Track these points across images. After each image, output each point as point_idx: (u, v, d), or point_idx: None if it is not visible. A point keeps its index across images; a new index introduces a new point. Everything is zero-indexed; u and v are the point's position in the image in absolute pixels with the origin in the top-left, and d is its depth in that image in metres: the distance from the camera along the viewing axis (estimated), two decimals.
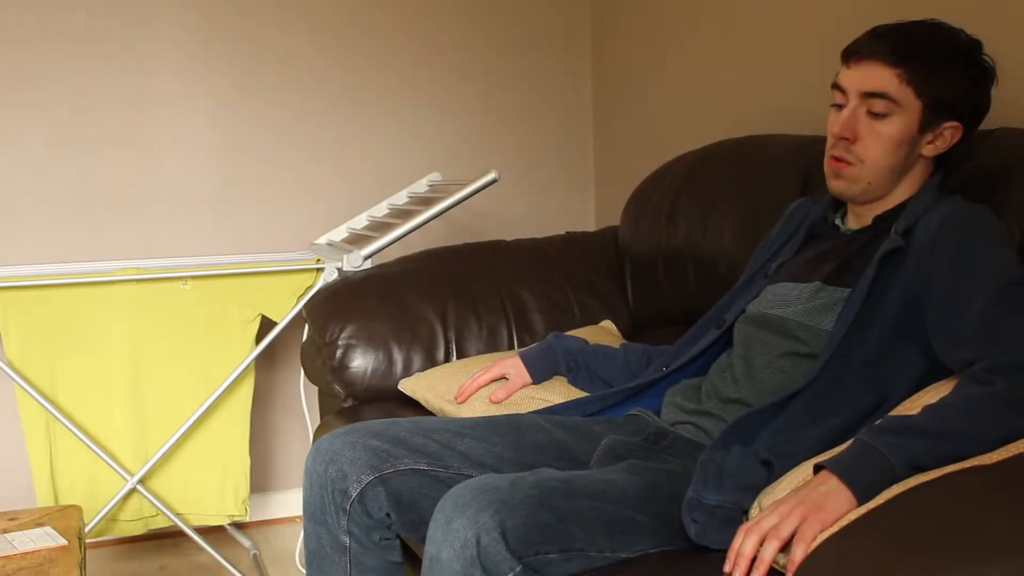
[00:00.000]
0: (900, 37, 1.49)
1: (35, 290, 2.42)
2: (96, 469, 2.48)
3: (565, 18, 3.13)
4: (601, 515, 1.32)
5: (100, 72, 2.71)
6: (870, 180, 1.52)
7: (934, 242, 1.41)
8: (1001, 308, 1.32)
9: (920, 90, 1.47)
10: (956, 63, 1.49)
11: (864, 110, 1.50)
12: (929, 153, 1.52)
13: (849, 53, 1.53)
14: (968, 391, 1.26)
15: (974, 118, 1.53)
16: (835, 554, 0.90)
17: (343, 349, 2.17)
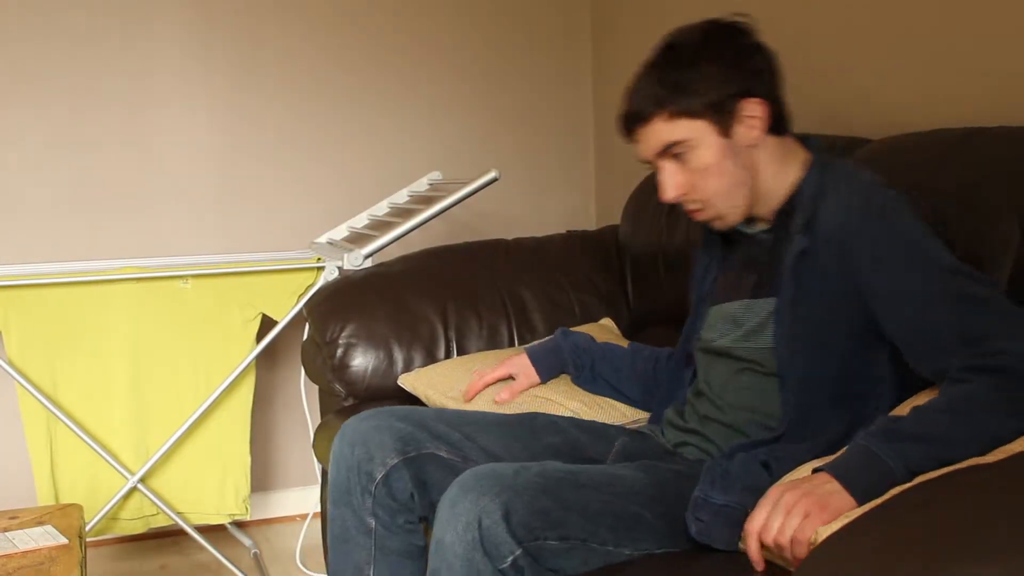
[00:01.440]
0: (641, 92, 1.47)
1: (35, 289, 2.42)
2: (97, 468, 2.48)
3: (566, 18, 3.13)
4: (606, 508, 1.33)
5: (100, 72, 2.71)
6: (732, 204, 1.49)
7: (848, 239, 1.38)
8: (952, 306, 1.31)
9: (691, 112, 1.44)
10: (698, 64, 1.45)
11: (670, 165, 1.48)
12: (754, 140, 1.46)
13: (625, 132, 1.51)
14: (953, 394, 1.26)
15: (760, 81, 1.47)
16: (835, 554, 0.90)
17: (343, 348, 2.17)
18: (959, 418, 1.22)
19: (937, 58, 1.92)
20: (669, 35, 1.51)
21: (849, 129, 2.03)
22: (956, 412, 1.23)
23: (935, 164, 1.61)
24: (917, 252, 1.35)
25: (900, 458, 1.19)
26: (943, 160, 1.60)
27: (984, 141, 1.58)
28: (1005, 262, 1.44)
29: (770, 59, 1.49)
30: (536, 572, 1.28)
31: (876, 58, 2.07)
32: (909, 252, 1.36)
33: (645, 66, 1.49)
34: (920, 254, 1.35)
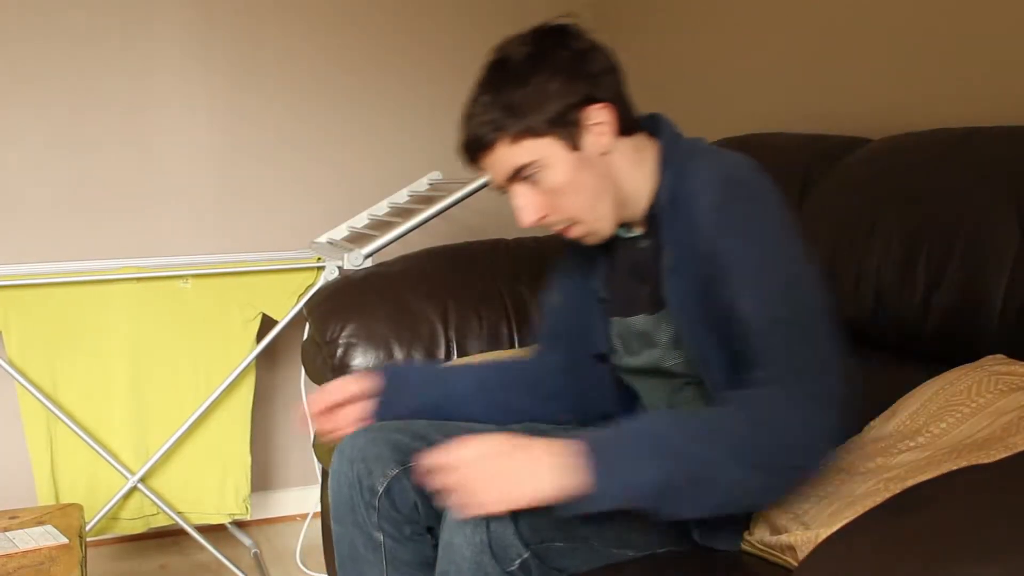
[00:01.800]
0: (478, 118, 1.38)
1: (36, 289, 2.42)
2: (97, 468, 2.48)
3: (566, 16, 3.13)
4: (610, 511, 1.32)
5: (100, 72, 2.71)
6: (597, 217, 1.41)
7: (707, 248, 1.32)
8: (774, 324, 1.26)
9: (534, 131, 1.35)
10: (533, 79, 1.36)
11: (523, 188, 1.40)
12: (606, 147, 1.38)
13: (469, 161, 1.45)
14: (726, 413, 1.22)
15: (601, 85, 1.38)
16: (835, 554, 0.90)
17: (344, 348, 2.17)
18: (723, 442, 1.19)
19: (937, 58, 1.92)
20: (497, 50, 1.42)
21: (849, 129, 2.03)
22: (724, 436, 1.20)
23: (935, 164, 1.61)
24: (768, 264, 1.29)
25: (655, 471, 1.17)
26: (943, 160, 1.60)
27: (984, 141, 1.58)
28: (1005, 262, 1.44)
29: (607, 58, 1.41)
30: (542, 572, 1.27)
31: (876, 58, 2.07)
32: (757, 264, 1.29)
33: (477, 87, 1.40)
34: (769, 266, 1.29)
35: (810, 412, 1.20)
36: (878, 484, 1.21)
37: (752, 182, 1.35)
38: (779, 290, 1.28)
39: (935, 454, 1.24)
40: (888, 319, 1.62)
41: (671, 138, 1.44)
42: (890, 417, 1.39)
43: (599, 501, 1.17)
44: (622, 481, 1.17)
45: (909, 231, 1.59)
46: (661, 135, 1.44)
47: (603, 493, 1.16)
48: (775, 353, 1.24)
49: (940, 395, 1.36)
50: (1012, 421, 1.25)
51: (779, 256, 1.31)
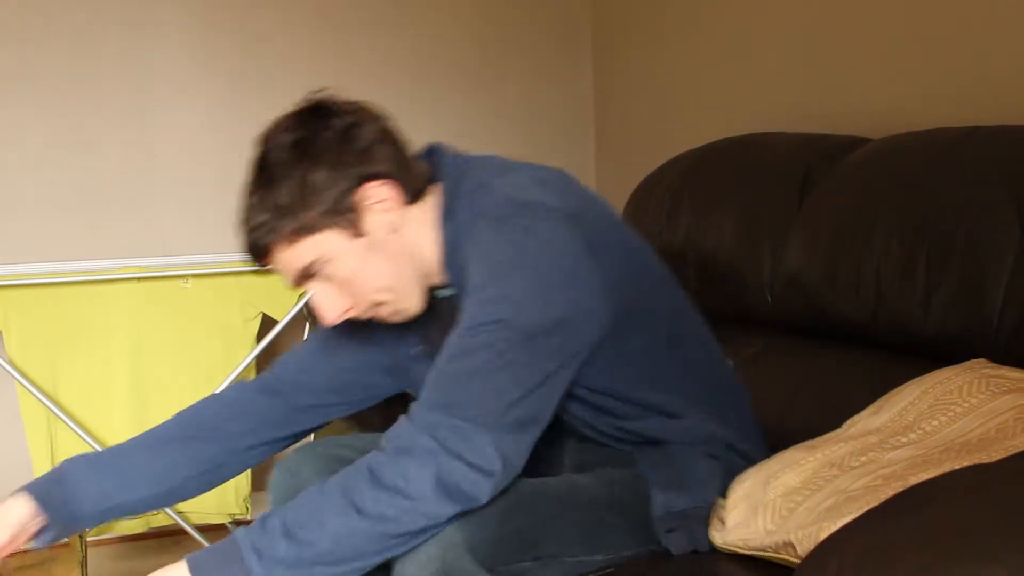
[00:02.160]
0: (251, 223, 1.28)
1: (36, 288, 2.42)
2: None
3: (566, 17, 3.13)
4: (572, 520, 1.30)
5: (101, 71, 2.71)
6: (403, 296, 1.33)
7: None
8: (451, 364, 1.20)
9: (309, 228, 1.26)
10: (298, 174, 1.27)
11: (317, 285, 1.31)
12: (392, 224, 1.30)
13: (256, 265, 1.34)
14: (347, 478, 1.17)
15: (372, 161, 1.29)
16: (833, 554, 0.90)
17: None
18: (329, 514, 1.14)
19: (937, 58, 1.92)
20: (260, 142, 1.33)
21: (849, 129, 2.03)
22: (332, 503, 1.15)
23: (935, 164, 1.61)
24: (487, 308, 1.21)
25: (265, 556, 1.13)
26: (943, 160, 1.60)
27: (984, 141, 1.58)
28: (1005, 262, 1.44)
29: (376, 127, 1.31)
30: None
31: (876, 58, 2.07)
32: (475, 307, 1.22)
33: (246, 190, 1.30)
34: (487, 310, 1.21)
35: (426, 467, 1.14)
36: (875, 480, 1.21)
37: (520, 217, 1.25)
38: (476, 336, 1.20)
39: (930, 452, 1.24)
40: (888, 319, 1.62)
41: (451, 181, 1.35)
42: (875, 412, 1.39)
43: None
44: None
45: (909, 231, 1.59)
46: (442, 179, 1.35)
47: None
48: (440, 393, 1.19)
49: (930, 393, 1.35)
50: (1007, 422, 1.25)
51: (519, 301, 1.20)
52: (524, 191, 1.30)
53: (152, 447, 1.49)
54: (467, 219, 1.29)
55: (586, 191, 1.43)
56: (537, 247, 1.23)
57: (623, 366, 1.34)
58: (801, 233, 1.80)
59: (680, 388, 1.41)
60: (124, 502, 1.45)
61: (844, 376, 1.67)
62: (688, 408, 1.40)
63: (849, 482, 1.22)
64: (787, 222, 1.86)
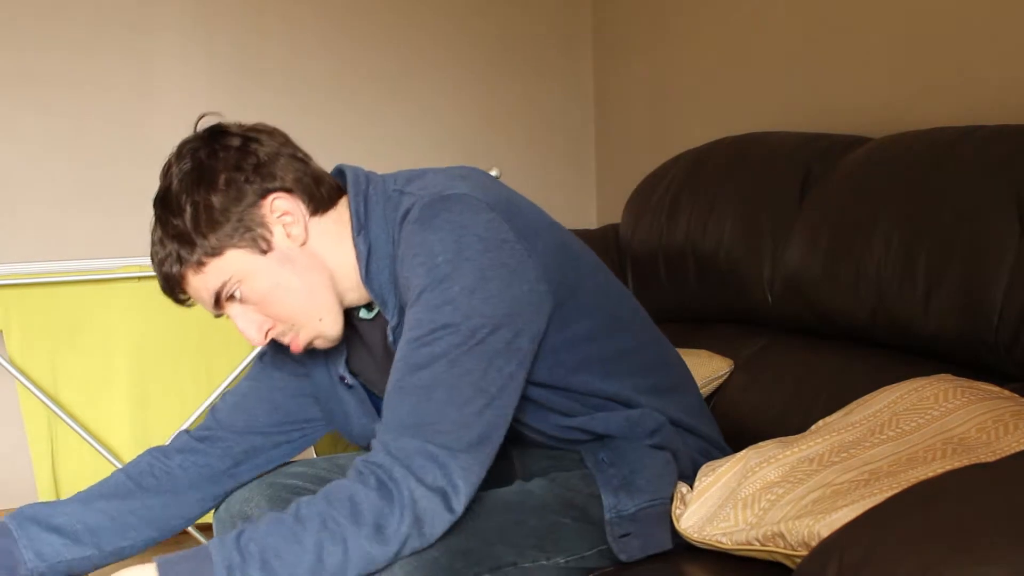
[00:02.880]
0: (158, 257, 1.29)
1: (37, 287, 2.42)
2: (98, 466, 2.48)
3: (567, 16, 3.13)
4: (524, 527, 1.27)
5: (101, 70, 2.71)
6: (319, 316, 1.30)
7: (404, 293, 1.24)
8: (408, 379, 1.18)
9: (212, 252, 1.25)
10: (192, 202, 1.25)
11: (235, 308, 1.29)
12: (300, 237, 1.28)
13: (176, 302, 1.36)
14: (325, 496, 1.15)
15: (268, 176, 1.28)
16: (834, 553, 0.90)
17: None
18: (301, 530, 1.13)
19: (937, 56, 1.92)
20: (161, 177, 1.30)
21: (849, 127, 2.03)
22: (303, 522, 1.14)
23: (935, 163, 1.61)
24: (428, 318, 1.19)
25: (229, 561, 1.14)
26: (943, 159, 1.60)
27: (984, 140, 1.58)
28: (1005, 262, 1.44)
29: (272, 141, 1.32)
30: None
31: (876, 57, 2.07)
32: (417, 319, 1.20)
33: (152, 226, 1.30)
34: (428, 321, 1.19)
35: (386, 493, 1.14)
36: (861, 475, 1.21)
37: (449, 200, 1.25)
38: (428, 348, 1.18)
39: (914, 449, 1.24)
40: (888, 318, 1.62)
41: (359, 190, 1.34)
42: (847, 414, 1.39)
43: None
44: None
45: (909, 230, 1.59)
46: (350, 193, 1.34)
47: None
48: (405, 411, 1.17)
49: (904, 399, 1.35)
50: (986, 423, 1.25)
51: (462, 303, 1.19)
52: (445, 187, 1.28)
53: (93, 503, 1.47)
54: (382, 229, 1.28)
55: (503, 185, 1.39)
56: (471, 240, 1.21)
57: (568, 354, 1.31)
58: (801, 232, 1.80)
59: (628, 373, 1.37)
60: (69, 559, 1.43)
61: (844, 375, 1.67)
62: (637, 395, 1.36)
63: (833, 476, 1.22)
64: (787, 221, 1.86)
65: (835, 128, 2.06)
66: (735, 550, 1.24)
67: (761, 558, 1.22)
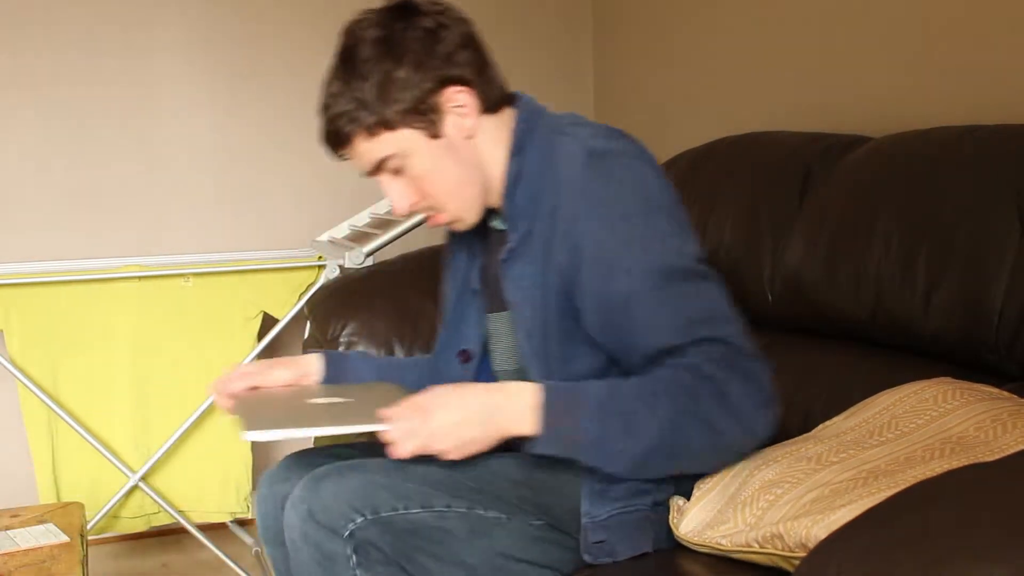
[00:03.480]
0: (332, 110, 1.33)
1: (37, 287, 2.42)
2: (98, 466, 2.49)
3: (567, 16, 3.13)
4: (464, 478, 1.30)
5: (102, 70, 2.71)
6: (463, 205, 1.36)
7: (562, 225, 1.28)
8: (662, 301, 1.24)
9: (390, 124, 1.30)
10: (383, 69, 1.29)
11: (389, 178, 1.35)
12: (469, 130, 1.34)
13: (331, 152, 1.39)
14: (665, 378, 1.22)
15: (455, 65, 1.31)
16: (833, 554, 0.90)
17: (345, 346, 2.17)
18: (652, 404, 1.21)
19: (937, 56, 1.92)
20: (345, 34, 1.35)
21: (850, 127, 2.03)
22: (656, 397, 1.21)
23: (935, 162, 1.61)
24: (635, 245, 1.25)
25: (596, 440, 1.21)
26: (943, 158, 1.60)
27: (985, 139, 1.58)
28: (1005, 261, 1.44)
29: (462, 33, 1.33)
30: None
31: (877, 56, 2.07)
32: (625, 247, 1.25)
33: (329, 76, 1.35)
34: (638, 249, 1.25)
35: (739, 370, 1.22)
36: (860, 473, 1.21)
37: (612, 155, 1.29)
38: (656, 265, 1.25)
39: (912, 448, 1.24)
40: (888, 318, 1.62)
41: (528, 114, 1.39)
42: (847, 417, 1.39)
43: (542, 447, 1.23)
44: (562, 440, 1.23)
45: (909, 230, 1.59)
46: (518, 112, 1.39)
47: (545, 445, 1.23)
48: (674, 319, 1.23)
49: (904, 401, 1.35)
50: (984, 422, 1.25)
51: (649, 227, 1.26)
52: (617, 139, 1.34)
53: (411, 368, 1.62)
54: (535, 160, 1.33)
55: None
56: (641, 186, 1.29)
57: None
58: (801, 232, 1.80)
59: None
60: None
61: (844, 375, 1.67)
62: None
63: (832, 475, 1.22)
64: (787, 221, 1.85)
65: (835, 128, 2.06)
66: (735, 552, 1.24)
67: (761, 562, 1.22)
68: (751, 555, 1.22)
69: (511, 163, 1.35)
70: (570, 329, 1.31)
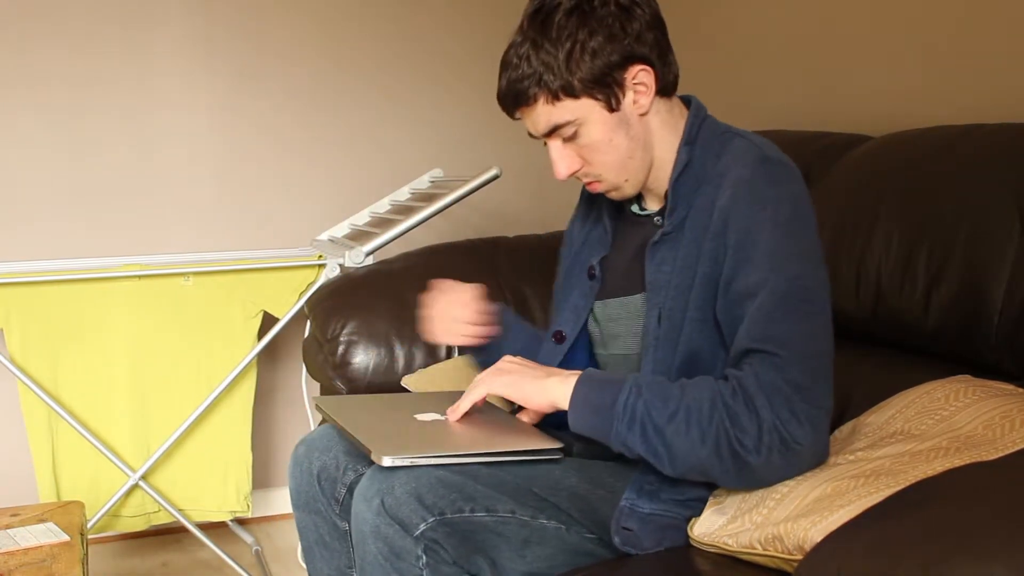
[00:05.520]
0: (518, 70, 1.36)
1: (37, 286, 2.42)
2: (98, 465, 2.49)
3: None
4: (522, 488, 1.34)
5: (102, 69, 2.71)
6: (627, 178, 1.41)
7: (721, 225, 1.31)
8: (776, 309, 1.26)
9: (573, 91, 1.34)
10: (574, 36, 1.33)
11: (560, 141, 1.39)
12: (644, 108, 1.37)
13: (507, 111, 1.42)
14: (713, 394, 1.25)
15: (643, 44, 1.35)
16: (833, 553, 0.90)
17: (345, 345, 2.17)
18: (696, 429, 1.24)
19: (938, 55, 1.92)
20: (536, 2, 1.39)
21: (850, 126, 2.03)
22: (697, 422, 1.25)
23: (936, 161, 1.61)
24: (770, 241, 1.28)
25: (628, 433, 1.27)
26: (944, 157, 1.60)
27: (984, 138, 1.58)
28: (1005, 260, 1.44)
29: (651, 13, 1.37)
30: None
31: (877, 55, 2.07)
32: (766, 240, 1.28)
33: (518, 34, 1.39)
34: (772, 249, 1.28)
35: (789, 402, 1.22)
36: (863, 471, 1.21)
37: (784, 165, 1.34)
38: (790, 273, 1.27)
39: (918, 448, 1.24)
40: (888, 316, 1.62)
41: (700, 111, 1.43)
42: (859, 425, 1.39)
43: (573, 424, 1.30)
44: (591, 430, 1.30)
45: (909, 228, 1.59)
46: (691, 107, 1.44)
47: (575, 426, 1.30)
48: (773, 328, 1.24)
49: (916, 403, 1.36)
50: (993, 419, 1.25)
51: (797, 242, 1.29)
52: (780, 151, 1.37)
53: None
54: (703, 154, 1.37)
55: None
56: (800, 197, 1.32)
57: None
58: None
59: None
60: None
61: (844, 374, 1.66)
62: None
63: (836, 474, 1.22)
64: None
65: (835, 127, 2.06)
66: (741, 553, 1.24)
67: (767, 564, 1.23)
68: (755, 557, 1.23)
69: (682, 151, 1.39)
70: (704, 320, 1.34)
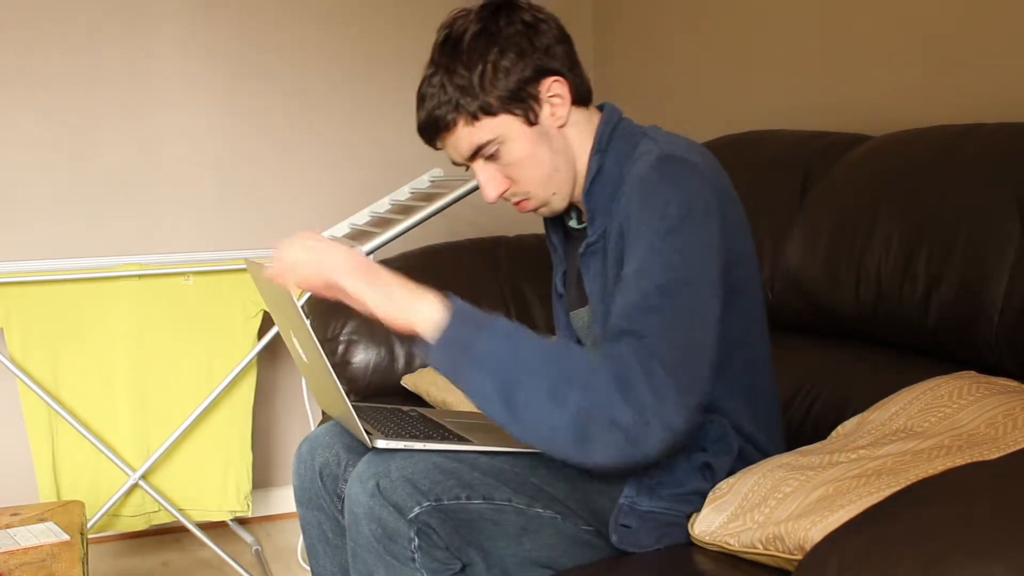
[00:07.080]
0: (434, 99, 1.39)
1: (37, 286, 2.42)
2: (98, 465, 2.49)
3: (567, 15, 3.12)
4: (516, 476, 1.34)
5: (103, 71, 2.71)
6: (554, 191, 1.41)
7: (626, 225, 1.31)
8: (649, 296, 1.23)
9: (490, 110, 1.36)
10: (484, 57, 1.35)
11: (482, 165, 1.40)
12: (562, 119, 1.39)
13: (428, 141, 1.45)
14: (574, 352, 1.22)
15: (552, 56, 1.38)
16: (832, 553, 0.90)
17: (345, 345, 2.17)
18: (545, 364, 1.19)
19: (938, 55, 1.92)
20: (445, 27, 1.41)
21: (850, 126, 2.03)
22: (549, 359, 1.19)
23: (936, 161, 1.61)
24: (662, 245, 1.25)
25: (483, 359, 1.20)
26: (944, 157, 1.60)
27: (985, 138, 1.58)
28: (1005, 260, 1.44)
29: (557, 29, 1.42)
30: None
31: (877, 55, 2.07)
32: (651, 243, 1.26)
33: (430, 67, 1.42)
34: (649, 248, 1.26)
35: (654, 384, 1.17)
36: (865, 470, 1.21)
37: (684, 162, 1.30)
38: (670, 264, 1.24)
39: (920, 447, 1.24)
40: (888, 316, 1.62)
41: (612, 117, 1.43)
42: (863, 421, 1.39)
43: (428, 358, 1.24)
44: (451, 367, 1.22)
45: (909, 229, 1.59)
46: (603, 113, 1.44)
47: (432, 359, 1.23)
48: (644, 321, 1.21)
49: (920, 399, 1.36)
50: (996, 418, 1.25)
51: (683, 237, 1.25)
52: (693, 151, 1.35)
53: None
54: (615, 160, 1.38)
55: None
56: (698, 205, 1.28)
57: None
58: (801, 230, 1.80)
59: (735, 383, 1.39)
60: None
61: (844, 374, 1.67)
62: (722, 403, 1.37)
63: (839, 473, 1.22)
64: (787, 219, 1.86)
65: (835, 127, 2.06)
66: (742, 552, 1.24)
67: (769, 563, 1.23)
68: (757, 556, 1.23)
69: (592, 160, 1.40)
70: None
